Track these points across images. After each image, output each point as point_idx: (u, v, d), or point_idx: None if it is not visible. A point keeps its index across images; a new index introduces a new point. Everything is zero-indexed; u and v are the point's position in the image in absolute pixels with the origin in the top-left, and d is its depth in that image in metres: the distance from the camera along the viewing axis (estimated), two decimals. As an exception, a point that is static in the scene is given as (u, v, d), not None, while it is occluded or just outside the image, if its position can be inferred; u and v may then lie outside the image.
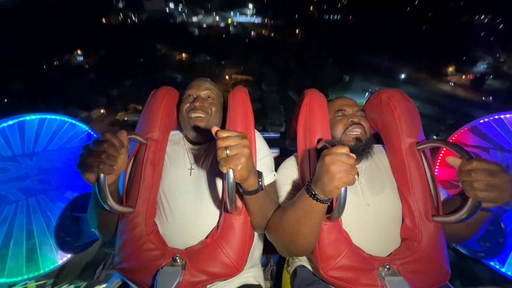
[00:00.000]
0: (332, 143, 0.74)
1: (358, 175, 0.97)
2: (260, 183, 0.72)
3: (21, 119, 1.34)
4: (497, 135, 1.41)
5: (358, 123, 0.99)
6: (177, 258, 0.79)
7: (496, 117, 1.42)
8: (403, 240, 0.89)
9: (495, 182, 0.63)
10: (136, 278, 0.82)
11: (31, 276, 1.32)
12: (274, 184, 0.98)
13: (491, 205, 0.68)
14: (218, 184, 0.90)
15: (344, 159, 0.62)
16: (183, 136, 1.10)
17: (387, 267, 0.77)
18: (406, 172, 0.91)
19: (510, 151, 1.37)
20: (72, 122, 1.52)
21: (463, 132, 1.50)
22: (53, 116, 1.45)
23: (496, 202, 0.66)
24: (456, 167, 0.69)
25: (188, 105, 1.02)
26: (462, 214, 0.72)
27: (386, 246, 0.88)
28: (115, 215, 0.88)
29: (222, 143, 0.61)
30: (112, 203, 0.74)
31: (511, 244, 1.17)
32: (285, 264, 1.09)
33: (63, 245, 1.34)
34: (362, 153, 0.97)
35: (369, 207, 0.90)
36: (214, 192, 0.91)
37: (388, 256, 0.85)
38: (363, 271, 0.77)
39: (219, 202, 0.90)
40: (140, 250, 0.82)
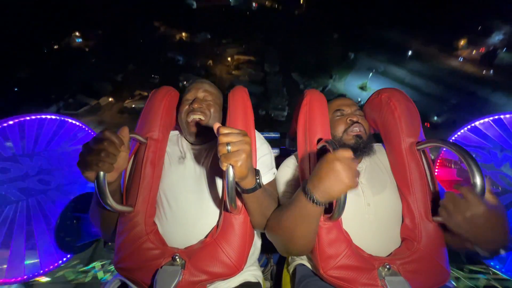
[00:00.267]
0: (333, 143, 0.74)
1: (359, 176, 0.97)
2: (258, 180, 0.72)
3: (21, 119, 1.35)
4: (497, 135, 1.41)
5: (358, 122, 1.00)
6: (176, 257, 0.78)
7: (496, 117, 1.43)
8: (403, 240, 0.88)
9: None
10: (135, 277, 0.82)
11: (31, 276, 1.31)
12: (274, 183, 0.98)
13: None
14: (218, 184, 0.90)
15: (351, 164, 0.63)
16: (183, 136, 1.10)
17: (387, 267, 0.77)
18: (406, 172, 0.91)
19: (510, 151, 1.37)
20: (72, 122, 1.52)
21: (463, 132, 1.50)
22: (53, 116, 1.45)
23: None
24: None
25: (187, 107, 1.02)
26: None
27: (386, 246, 0.88)
28: (116, 213, 0.88)
29: (224, 139, 0.61)
30: (111, 202, 0.74)
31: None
32: (285, 264, 1.09)
33: (63, 245, 1.34)
34: (363, 150, 0.97)
35: (369, 207, 0.90)
36: (214, 192, 0.91)
37: (388, 256, 0.85)
38: (363, 271, 0.77)
39: (219, 201, 0.90)
40: (140, 249, 0.82)
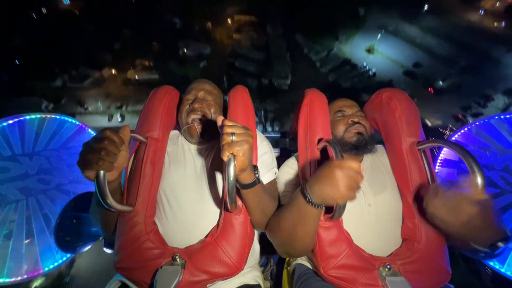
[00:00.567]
0: (334, 143, 0.74)
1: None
2: (256, 175, 0.72)
3: (21, 118, 1.35)
4: (497, 135, 1.41)
5: (359, 123, 1.00)
6: (176, 257, 0.78)
7: (496, 117, 1.43)
8: (404, 240, 0.88)
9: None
10: (135, 277, 0.81)
11: (30, 276, 1.31)
12: (275, 182, 0.97)
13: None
14: (219, 183, 0.90)
15: (353, 176, 0.62)
16: (183, 136, 1.10)
17: (388, 267, 0.77)
18: (407, 172, 0.91)
19: (510, 151, 1.37)
20: (72, 121, 1.52)
21: (464, 132, 1.50)
22: (53, 116, 1.45)
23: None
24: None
25: (187, 106, 1.02)
26: None
27: (387, 246, 0.87)
28: (116, 212, 0.88)
29: (229, 129, 0.62)
30: (111, 201, 0.73)
31: (510, 245, 1.17)
32: (285, 264, 1.09)
33: (63, 245, 1.34)
34: (365, 147, 0.97)
35: (370, 207, 0.90)
36: (215, 191, 0.91)
37: (388, 256, 0.85)
38: (364, 271, 0.77)
39: (220, 201, 0.90)
40: (140, 249, 0.81)
